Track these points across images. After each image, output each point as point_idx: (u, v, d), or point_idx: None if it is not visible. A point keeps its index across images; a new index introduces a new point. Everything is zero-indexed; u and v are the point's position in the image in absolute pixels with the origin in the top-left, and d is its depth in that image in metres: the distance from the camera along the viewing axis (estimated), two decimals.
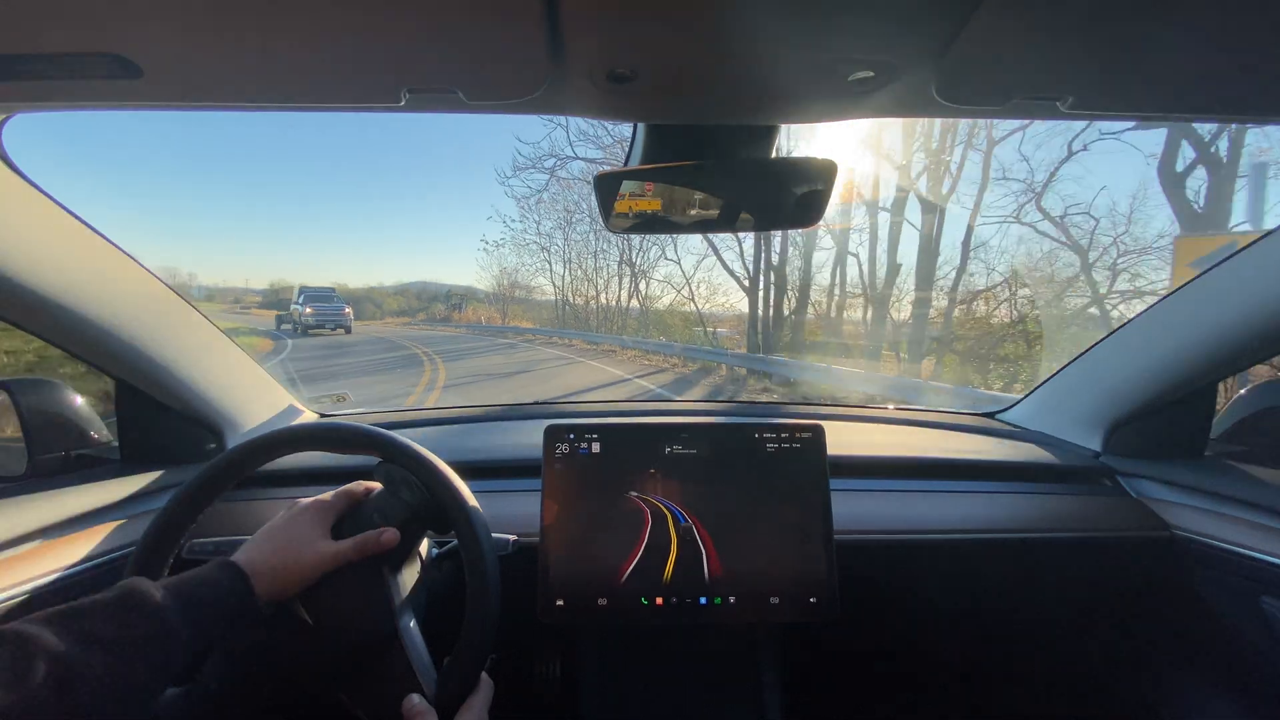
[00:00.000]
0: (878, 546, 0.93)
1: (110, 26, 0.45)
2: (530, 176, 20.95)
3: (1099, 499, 1.04)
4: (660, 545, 0.80)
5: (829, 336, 12.99)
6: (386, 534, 0.63)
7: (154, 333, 0.88)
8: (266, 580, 0.57)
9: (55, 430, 0.92)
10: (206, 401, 0.99)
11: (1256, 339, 0.87)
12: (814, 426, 0.84)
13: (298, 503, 0.66)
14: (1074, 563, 1.00)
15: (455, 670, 0.62)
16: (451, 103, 0.57)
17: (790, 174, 0.76)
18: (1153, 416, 1.06)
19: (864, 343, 12.04)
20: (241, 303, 44.92)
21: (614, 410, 1.37)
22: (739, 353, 11.07)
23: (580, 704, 0.93)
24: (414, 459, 0.69)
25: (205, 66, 0.51)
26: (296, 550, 0.60)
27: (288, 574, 0.59)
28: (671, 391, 8.60)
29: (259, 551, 0.59)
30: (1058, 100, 0.55)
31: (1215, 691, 0.94)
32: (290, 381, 5.55)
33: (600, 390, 8.86)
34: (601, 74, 0.52)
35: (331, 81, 0.54)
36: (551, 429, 0.84)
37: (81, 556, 0.75)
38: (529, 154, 30.31)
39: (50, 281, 0.73)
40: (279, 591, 0.59)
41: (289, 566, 0.59)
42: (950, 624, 1.14)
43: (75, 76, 0.52)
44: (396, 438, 0.69)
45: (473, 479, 0.73)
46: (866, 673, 1.20)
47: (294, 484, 1.01)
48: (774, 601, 0.79)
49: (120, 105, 0.59)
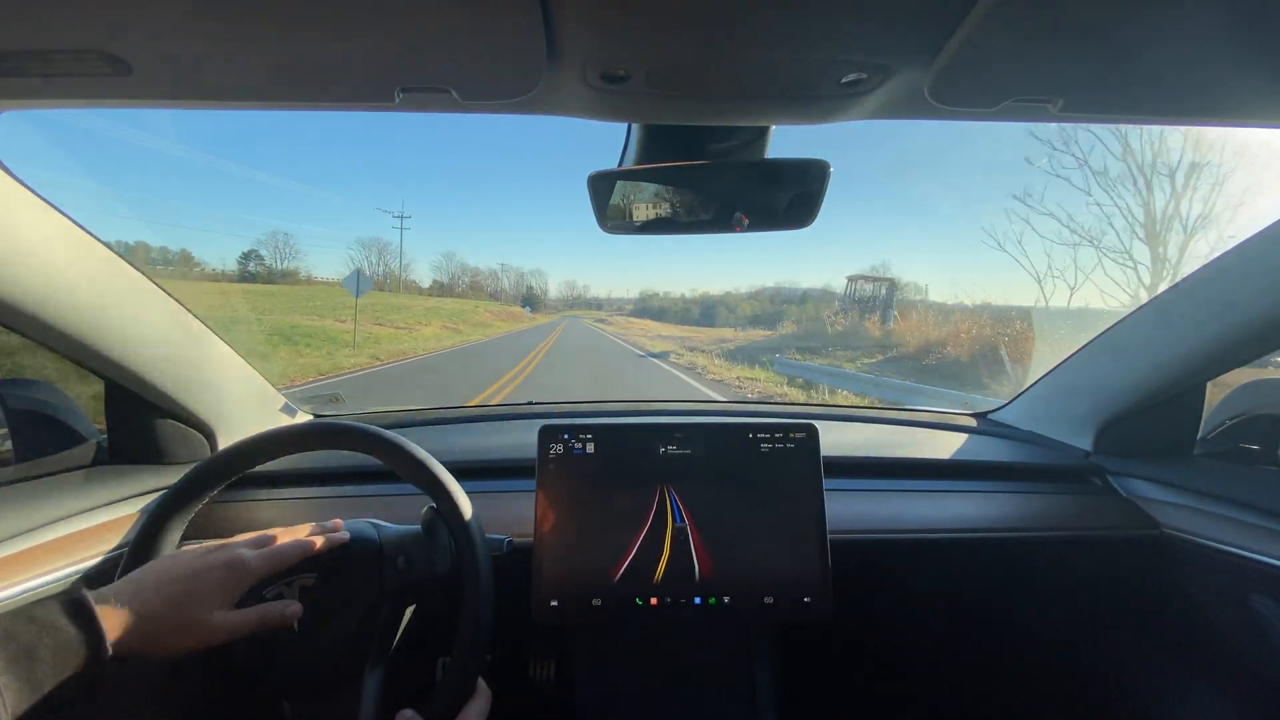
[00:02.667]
0: (871, 546, 0.93)
1: (100, 23, 0.45)
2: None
3: (1089, 498, 1.04)
4: (654, 545, 0.80)
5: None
6: (291, 607, 0.58)
7: (144, 333, 0.87)
8: (135, 636, 0.46)
9: (42, 431, 0.91)
10: (198, 402, 0.98)
11: (1245, 339, 0.88)
12: (807, 426, 0.84)
13: (224, 546, 0.57)
14: (1065, 561, 1.01)
15: (453, 676, 0.62)
16: (445, 102, 0.56)
17: (783, 175, 0.76)
18: (1142, 416, 1.07)
19: None
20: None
21: (608, 410, 1.37)
22: None
23: (575, 704, 0.93)
24: (407, 457, 0.68)
25: (196, 64, 0.51)
26: (186, 613, 0.50)
27: (165, 638, 0.48)
28: None
29: (140, 597, 0.48)
30: (1049, 103, 0.55)
31: (1203, 688, 0.95)
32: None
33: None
34: (596, 74, 0.52)
35: (324, 80, 0.54)
36: (546, 429, 0.83)
37: (70, 560, 0.74)
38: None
39: (39, 281, 0.72)
40: (150, 650, 0.48)
41: (170, 630, 0.48)
42: (942, 623, 1.15)
43: (65, 73, 0.51)
44: (391, 435, 0.69)
45: (467, 479, 0.72)
46: (860, 672, 1.20)
47: (291, 484, 1.01)
48: (768, 601, 0.79)
49: (111, 103, 0.58)
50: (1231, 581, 0.86)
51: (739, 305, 43.91)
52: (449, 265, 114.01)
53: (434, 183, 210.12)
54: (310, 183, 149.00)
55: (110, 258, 0.80)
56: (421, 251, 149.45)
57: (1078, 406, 1.15)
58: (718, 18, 0.45)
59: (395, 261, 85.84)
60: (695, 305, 77.79)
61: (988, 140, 68.16)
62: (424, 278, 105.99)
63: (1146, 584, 1.00)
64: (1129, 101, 0.57)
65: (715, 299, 53.54)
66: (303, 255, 79.05)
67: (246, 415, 1.08)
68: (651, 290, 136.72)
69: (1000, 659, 1.18)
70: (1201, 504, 0.93)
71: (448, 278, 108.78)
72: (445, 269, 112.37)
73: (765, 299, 49.35)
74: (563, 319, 65.55)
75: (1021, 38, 0.46)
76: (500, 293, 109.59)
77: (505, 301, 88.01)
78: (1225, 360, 0.94)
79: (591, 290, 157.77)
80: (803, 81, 0.54)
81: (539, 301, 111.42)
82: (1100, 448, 1.11)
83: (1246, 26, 0.45)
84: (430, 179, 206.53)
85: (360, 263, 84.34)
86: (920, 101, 0.56)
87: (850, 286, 27.54)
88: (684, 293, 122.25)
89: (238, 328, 14.51)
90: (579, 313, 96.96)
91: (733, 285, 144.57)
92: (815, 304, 37.08)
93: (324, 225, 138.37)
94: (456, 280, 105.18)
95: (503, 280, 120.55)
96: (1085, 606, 1.09)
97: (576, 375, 12.40)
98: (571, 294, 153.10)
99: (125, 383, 0.90)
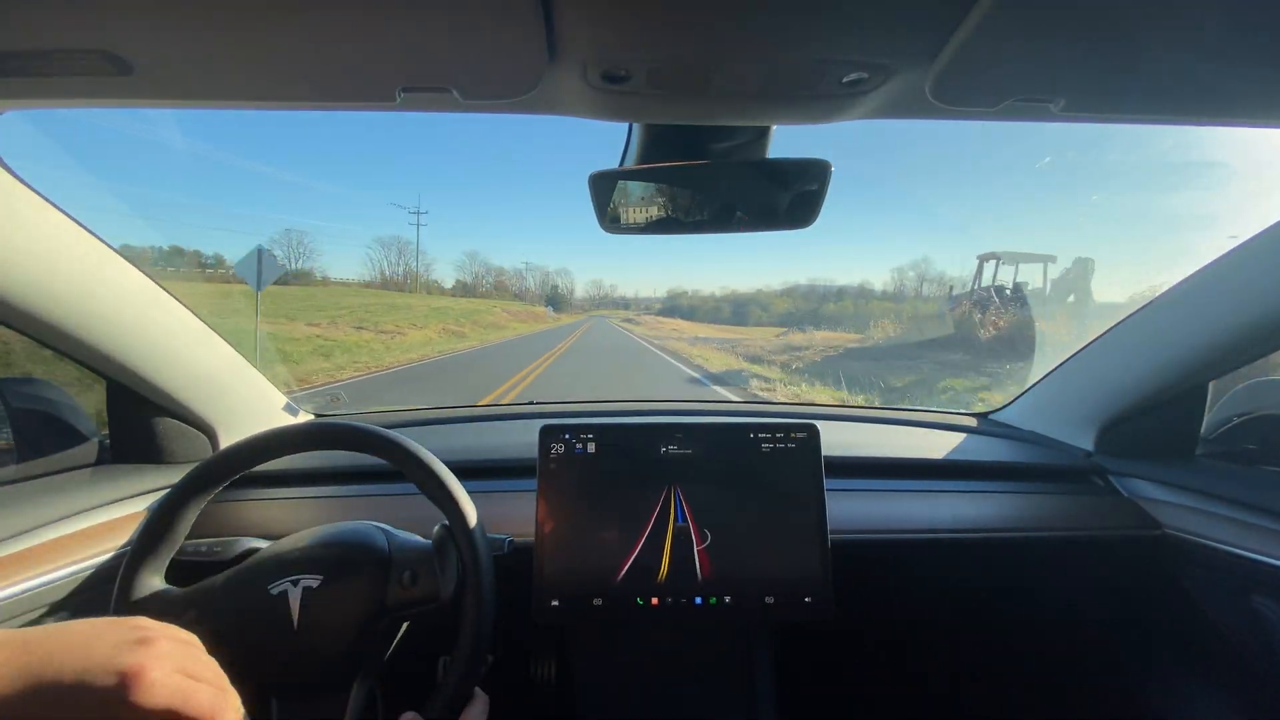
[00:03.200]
0: (872, 546, 0.93)
1: (101, 22, 0.45)
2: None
3: (1091, 498, 1.04)
4: (655, 545, 0.80)
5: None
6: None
7: (146, 332, 0.87)
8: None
9: (45, 430, 0.91)
10: (199, 401, 0.98)
11: (1247, 339, 0.88)
12: (809, 426, 0.84)
13: (136, 647, 0.42)
14: (1066, 561, 1.00)
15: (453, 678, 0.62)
16: (446, 102, 0.56)
17: (785, 175, 0.76)
18: (1144, 416, 1.07)
19: None
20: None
21: (609, 410, 1.37)
22: None
23: (576, 704, 0.93)
24: (410, 458, 0.68)
25: (197, 64, 0.51)
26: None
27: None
28: None
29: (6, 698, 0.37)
30: (1050, 102, 0.55)
31: (1205, 688, 0.95)
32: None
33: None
34: (597, 74, 0.52)
35: (325, 80, 0.54)
36: (547, 429, 0.83)
37: (72, 559, 0.75)
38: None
39: (41, 280, 0.72)
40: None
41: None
42: (944, 623, 1.14)
43: (66, 73, 0.51)
44: (393, 435, 0.69)
45: (468, 479, 0.73)
46: (861, 672, 1.20)
47: (292, 484, 1.01)
48: (769, 601, 0.79)
49: (111, 102, 0.58)
50: (1233, 582, 0.86)
51: (772, 303, 42.56)
52: (472, 265, 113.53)
53: (454, 181, 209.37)
54: (325, 179, 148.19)
55: (111, 257, 0.80)
56: (445, 251, 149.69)
57: (1079, 406, 1.15)
58: (719, 18, 0.45)
59: (414, 260, 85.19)
60: (726, 303, 75.43)
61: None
62: (448, 278, 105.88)
63: (1148, 584, 1.00)
64: (1131, 101, 0.56)
65: (745, 297, 52.24)
66: (318, 254, 78.14)
67: (248, 415, 1.08)
68: (680, 288, 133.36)
69: (1000, 659, 1.18)
70: (1204, 504, 0.93)
71: (471, 277, 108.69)
72: (469, 269, 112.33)
73: (799, 296, 48.29)
74: (588, 319, 63.65)
75: (1023, 37, 0.46)
76: (525, 292, 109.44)
77: (530, 301, 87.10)
78: (1228, 360, 0.94)
79: (619, 290, 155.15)
80: (803, 81, 0.54)
81: (564, 301, 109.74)
82: (1102, 448, 1.11)
83: (1249, 25, 0.45)
84: (449, 177, 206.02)
85: (381, 262, 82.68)
86: (921, 101, 0.56)
87: (986, 271, 16.99)
88: (713, 290, 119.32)
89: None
90: (605, 312, 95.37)
91: (762, 282, 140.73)
92: (853, 300, 35.46)
93: (340, 222, 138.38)
94: (480, 280, 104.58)
95: (528, 280, 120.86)
96: (1086, 607, 1.08)
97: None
98: (598, 293, 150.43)
99: (127, 382, 0.90)
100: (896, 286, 57.35)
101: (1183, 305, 0.94)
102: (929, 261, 63.62)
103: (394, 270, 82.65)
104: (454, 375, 12.29)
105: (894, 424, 1.32)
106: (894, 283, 57.85)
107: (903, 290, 53.62)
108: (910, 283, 58.89)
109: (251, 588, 0.63)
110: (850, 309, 31.30)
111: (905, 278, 61.42)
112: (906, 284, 58.25)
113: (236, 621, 0.62)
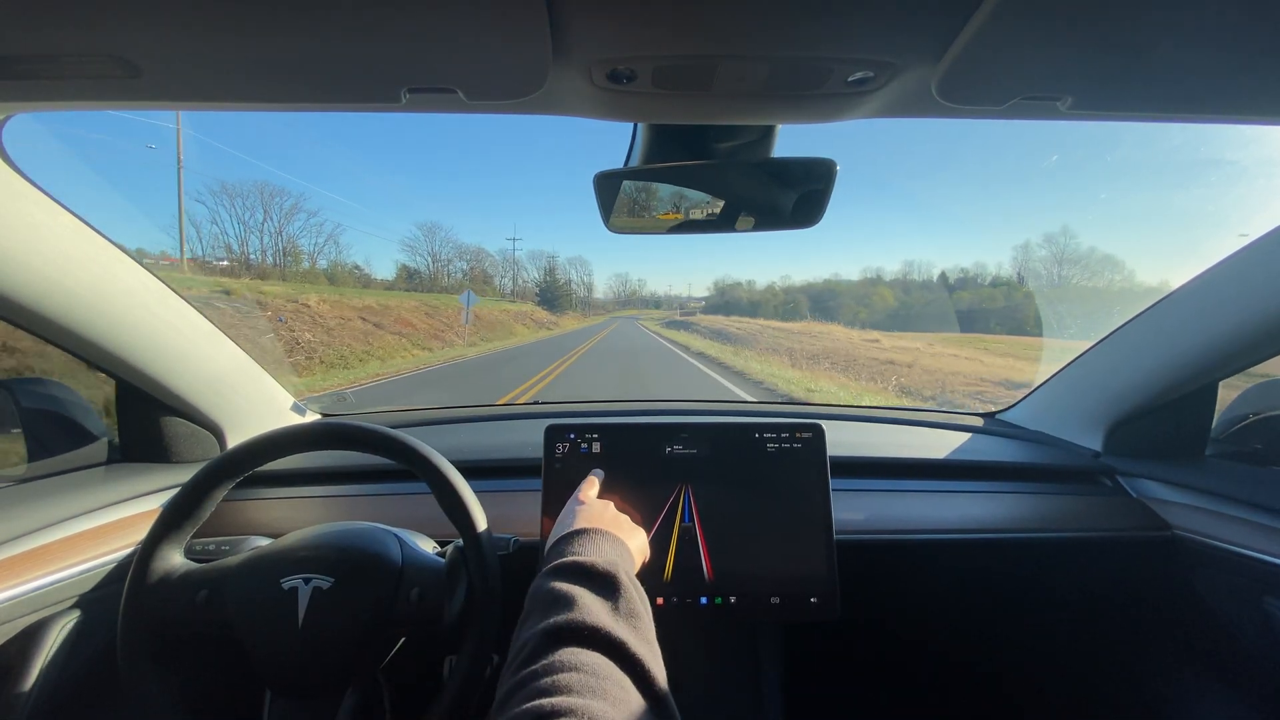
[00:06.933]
0: (878, 546, 0.93)
1: (109, 26, 0.45)
2: None
3: (1099, 499, 1.03)
4: (660, 545, 0.80)
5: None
6: None
7: (155, 332, 0.88)
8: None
9: (55, 430, 0.92)
10: (208, 402, 0.99)
11: (1257, 338, 0.87)
12: (814, 426, 0.84)
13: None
14: (1074, 562, 1.00)
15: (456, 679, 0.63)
16: (452, 103, 0.57)
17: (790, 174, 0.76)
18: (1153, 416, 1.06)
19: None
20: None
21: (614, 410, 1.37)
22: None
23: None
24: (417, 458, 0.69)
25: (204, 66, 0.51)
26: None
27: None
28: None
29: None
30: (1057, 101, 0.55)
31: (1216, 691, 0.94)
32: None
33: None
34: (602, 74, 0.52)
35: (331, 81, 0.54)
36: (552, 429, 0.83)
37: (83, 557, 0.75)
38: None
39: (52, 281, 0.73)
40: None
41: None
42: (950, 623, 1.14)
43: (75, 76, 0.52)
44: (400, 436, 0.69)
45: (473, 478, 0.73)
46: (867, 673, 1.19)
47: (299, 483, 1.02)
48: (774, 601, 0.79)
49: (119, 105, 0.59)
50: (1245, 583, 0.85)
51: (872, 296, 33.71)
52: (429, 242, 70.31)
53: (455, 177, 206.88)
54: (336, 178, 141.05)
55: (121, 258, 0.80)
56: (386, 219, 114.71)
57: (1087, 406, 1.14)
58: (723, 18, 0.45)
59: (439, 244, 64.60)
60: (801, 294, 58.62)
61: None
62: (383, 262, 77.00)
63: (1157, 586, 0.99)
64: (1138, 99, 0.56)
65: (819, 289, 41.22)
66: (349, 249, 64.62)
67: (255, 414, 1.09)
68: (731, 279, 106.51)
69: (1008, 660, 1.17)
70: (1213, 505, 0.92)
71: (427, 263, 67.65)
72: (423, 248, 69.74)
73: (915, 288, 37.94)
74: (611, 320, 48.27)
75: (1029, 36, 0.46)
76: (521, 288, 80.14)
77: (521, 299, 64.10)
78: (1238, 359, 0.93)
79: (648, 286, 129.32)
80: (809, 80, 0.54)
81: (566, 297, 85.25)
82: (1110, 448, 1.10)
83: (1256, 22, 0.45)
84: (444, 173, 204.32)
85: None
86: (928, 100, 0.56)
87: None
88: (772, 281, 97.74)
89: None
90: (634, 312, 75.99)
91: (830, 271, 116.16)
92: (1005, 292, 24.20)
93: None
94: (441, 269, 66.49)
95: (527, 269, 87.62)
96: (1095, 608, 1.08)
97: None
98: (624, 290, 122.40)
99: (136, 382, 0.91)
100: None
101: (1192, 303, 0.93)
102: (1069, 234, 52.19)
103: (424, 261, 62.26)
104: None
105: (900, 424, 1.32)
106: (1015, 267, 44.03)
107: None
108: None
109: (265, 578, 0.64)
110: (1001, 300, 22.49)
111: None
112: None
113: (245, 609, 0.63)
